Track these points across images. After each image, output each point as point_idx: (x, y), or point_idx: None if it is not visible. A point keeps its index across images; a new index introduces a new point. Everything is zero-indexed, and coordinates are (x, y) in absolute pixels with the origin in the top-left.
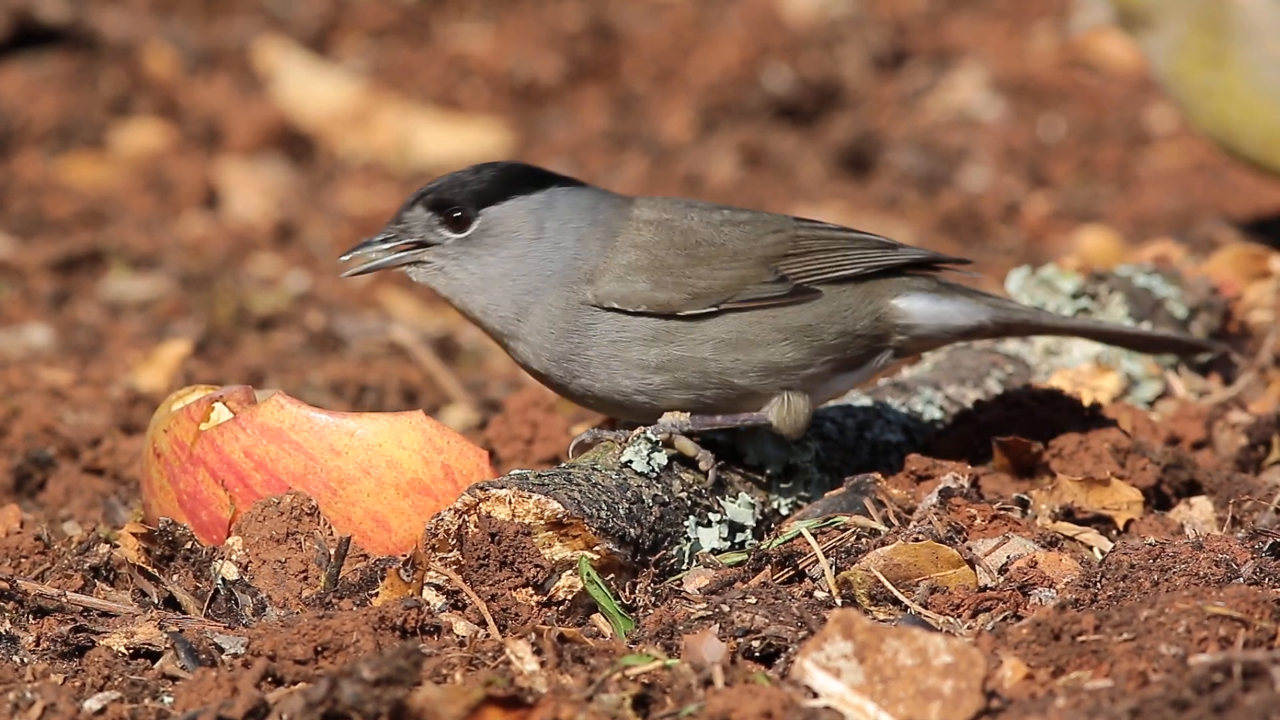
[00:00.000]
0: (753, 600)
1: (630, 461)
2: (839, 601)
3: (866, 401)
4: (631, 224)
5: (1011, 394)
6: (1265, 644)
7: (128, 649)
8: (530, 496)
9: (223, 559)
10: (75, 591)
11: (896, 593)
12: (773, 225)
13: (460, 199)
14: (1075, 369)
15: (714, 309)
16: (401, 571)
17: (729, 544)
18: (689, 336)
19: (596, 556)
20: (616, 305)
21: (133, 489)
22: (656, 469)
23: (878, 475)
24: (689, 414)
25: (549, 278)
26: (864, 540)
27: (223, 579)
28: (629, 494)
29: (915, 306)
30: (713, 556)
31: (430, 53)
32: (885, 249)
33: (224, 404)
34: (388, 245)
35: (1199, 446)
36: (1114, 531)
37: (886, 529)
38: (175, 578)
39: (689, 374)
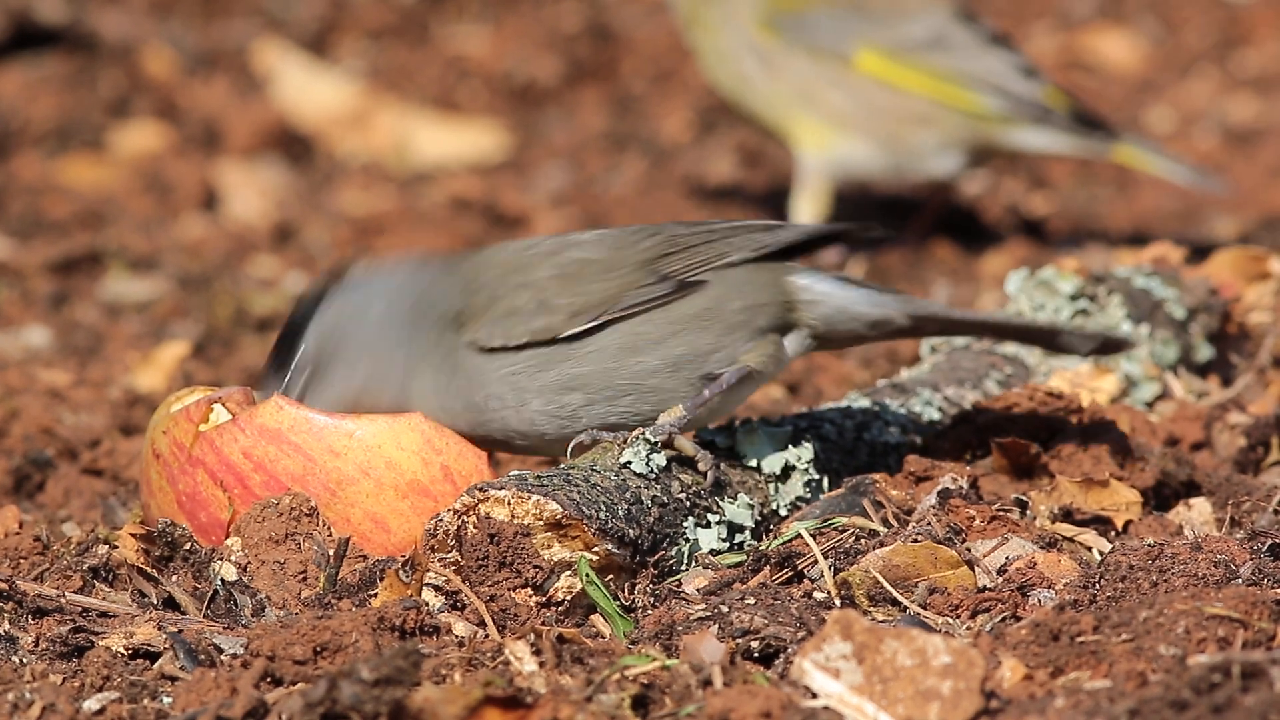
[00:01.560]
0: (752, 601)
1: (629, 462)
2: (838, 602)
3: (865, 403)
4: (489, 262)
5: (1010, 395)
6: (1264, 644)
7: (127, 649)
8: (529, 497)
9: (222, 560)
10: (74, 592)
11: (895, 593)
12: (649, 231)
13: (284, 350)
14: (1074, 370)
15: (594, 322)
16: (400, 572)
17: (728, 545)
18: (581, 353)
19: (595, 557)
20: (500, 343)
21: (132, 490)
22: (655, 470)
23: (876, 476)
24: (681, 408)
25: (403, 341)
26: (863, 541)
27: (222, 580)
28: (628, 495)
29: (817, 285)
30: (712, 557)
31: (429, 54)
32: (771, 230)
33: (223, 405)
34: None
35: (1198, 447)
36: (1113, 532)
37: (885, 530)
38: (174, 578)
39: (596, 388)
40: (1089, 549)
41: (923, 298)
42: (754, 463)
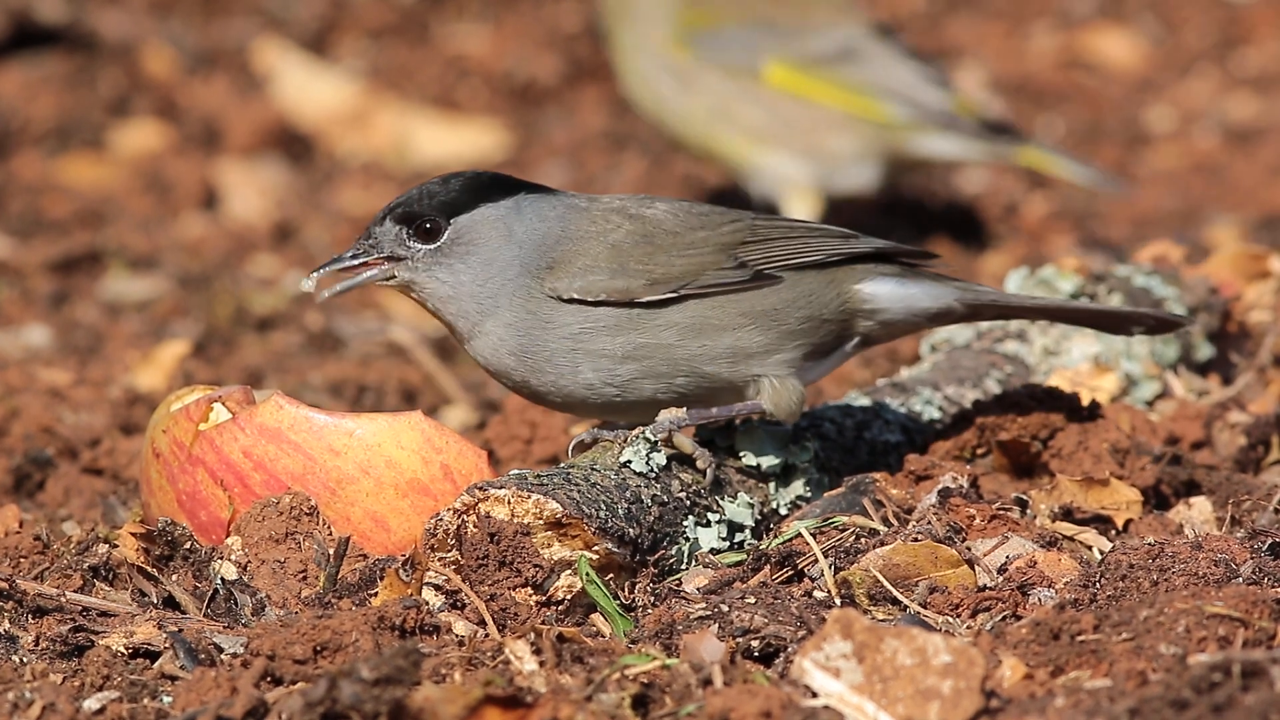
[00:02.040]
0: (752, 600)
1: (629, 461)
2: (838, 601)
3: (865, 402)
4: (588, 218)
5: (1010, 394)
6: (1264, 643)
7: (127, 649)
8: (529, 496)
9: (222, 559)
10: (74, 591)
11: (895, 592)
12: (731, 215)
13: (429, 210)
14: (1074, 369)
15: (674, 294)
16: (401, 571)
17: (728, 544)
18: (652, 323)
19: (595, 556)
20: (577, 296)
21: (132, 489)
22: (655, 469)
23: (877, 475)
24: (684, 409)
25: (512, 279)
26: (863, 540)
27: (222, 579)
28: (628, 494)
29: (881, 291)
30: (712, 556)
31: (429, 53)
32: (846, 238)
33: (223, 404)
34: (359, 262)
35: (1198, 446)
36: (1113, 531)
37: (885, 529)
38: (174, 577)
39: (656, 362)
40: (1089, 548)
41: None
42: (754, 462)
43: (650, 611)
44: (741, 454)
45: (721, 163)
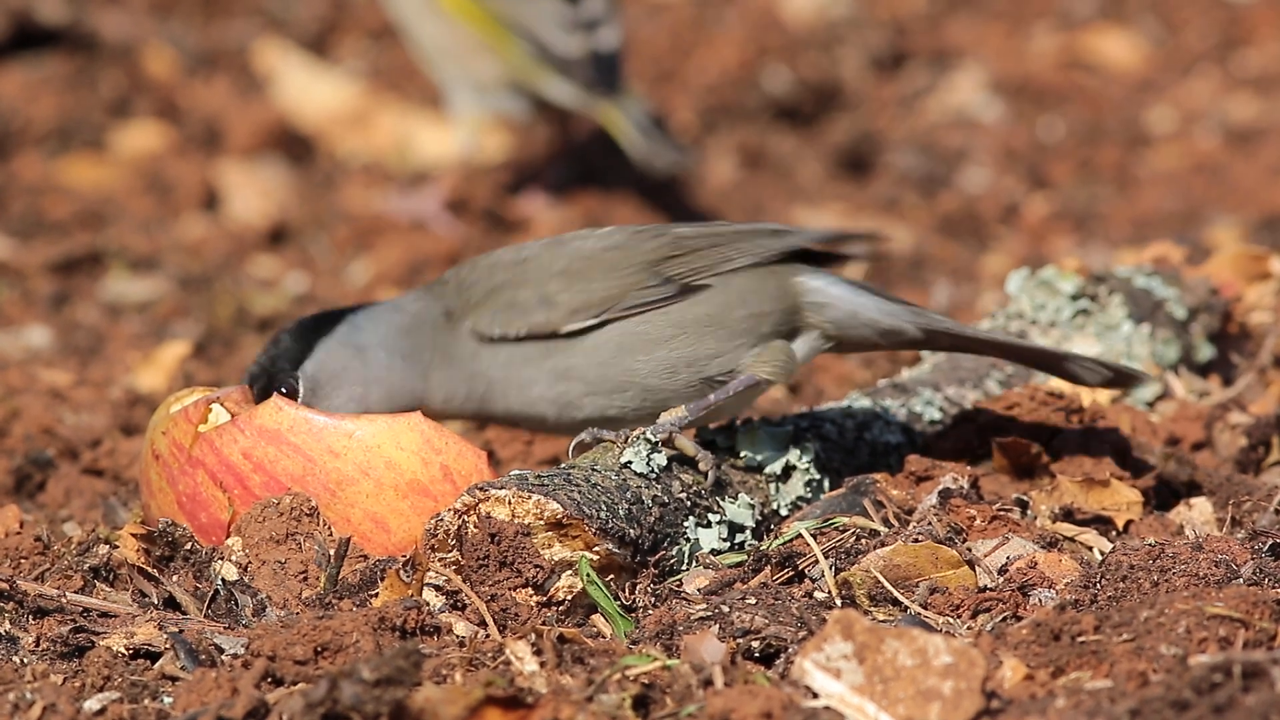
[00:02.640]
0: (752, 601)
1: (630, 462)
2: (839, 602)
3: (866, 402)
4: (488, 263)
5: (1011, 395)
6: (1265, 644)
7: (128, 649)
8: (530, 497)
9: (222, 560)
10: (75, 592)
11: (896, 593)
12: (653, 232)
13: (276, 374)
14: None
15: (595, 320)
16: (401, 572)
17: (729, 544)
18: (580, 348)
19: (596, 557)
20: (499, 333)
21: (132, 490)
22: (656, 470)
23: (877, 476)
24: (684, 408)
25: (405, 363)
26: (864, 541)
27: (222, 580)
28: (628, 494)
29: (828, 288)
30: (712, 557)
31: None
32: (778, 234)
33: (222, 406)
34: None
35: (1198, 447)
36: (1114, 532)
37: (886, 530)
38: (175, 578)
39: (593, 380)
40: (1090, 549)
41: (932, 310)
42: (755, 462)
43: (651, 612)
44: (742, 455)
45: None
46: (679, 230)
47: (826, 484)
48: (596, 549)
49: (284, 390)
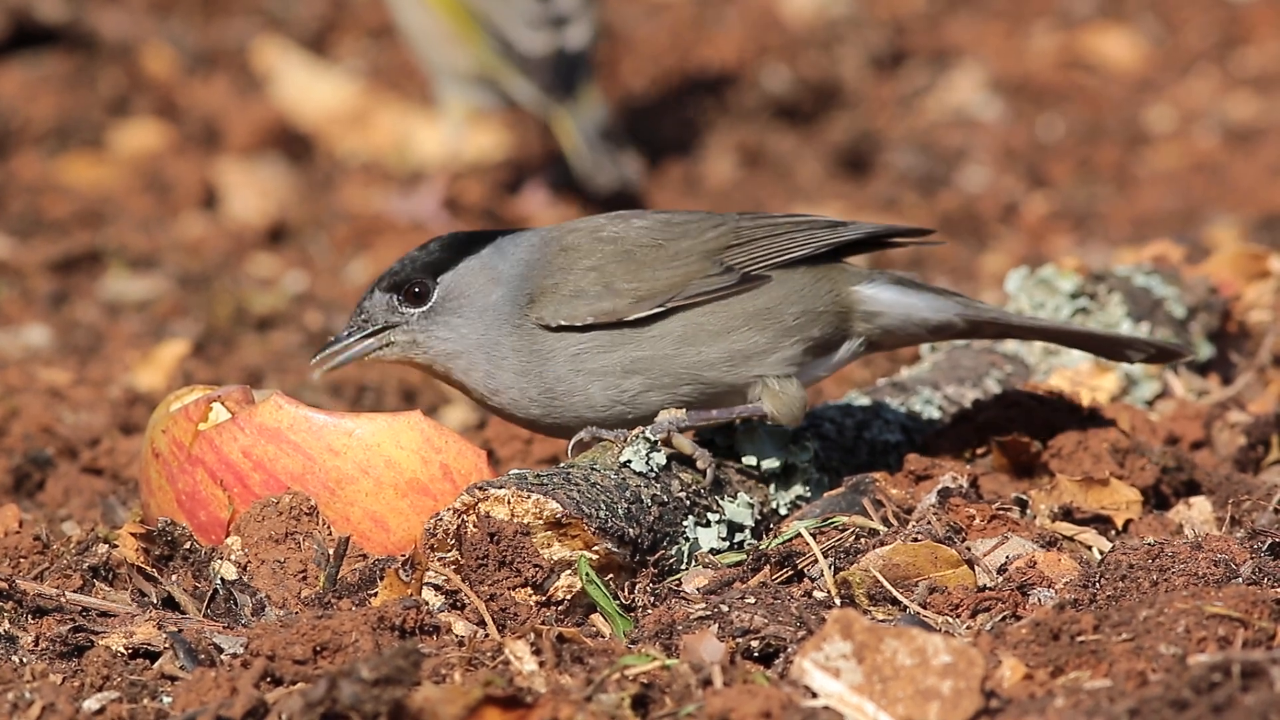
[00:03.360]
0: (751, 600)
1: (629, 461)
2: (838, 601)
3: (865, 401)
4: (561, 245)
5: (1010, 394)
6: (1264, 644)
7: (127, 649)
8: (529, 496)
9: (222, 559)
10: (74, 591)
11: (895, 593)
12: (714, 220)
13: (415, 274)
14: (1074, 369)
15: (660, 308)
16: (400, 571)
17: (728, 544)
18: (645, 337)
19: (595, 556)
20: (564, 322)
21: (131, 489)
22: (655, 469)
23: (876, 475)
24: (684, 410)
25: (506, 318)
26: (863, 540)
27: (222, 579)
28: (628, 494)
29: (881, 294)
30: (711, 556)
31: None
32: (833, 227)
33: (222, 404)
34: (353, 338)
35: (1198, 446)
36: (1113, 531)
37: (885, 529)
38: (174, 578)
39: (657, 374)
40: (1089, 548)
41: (980, 300)
42: (754, 462)
43: (650, 612)
44: (741, 454)
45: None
46: (737, 218)
47: (826, 483)
48: (596, 548)
49: (417, 290)
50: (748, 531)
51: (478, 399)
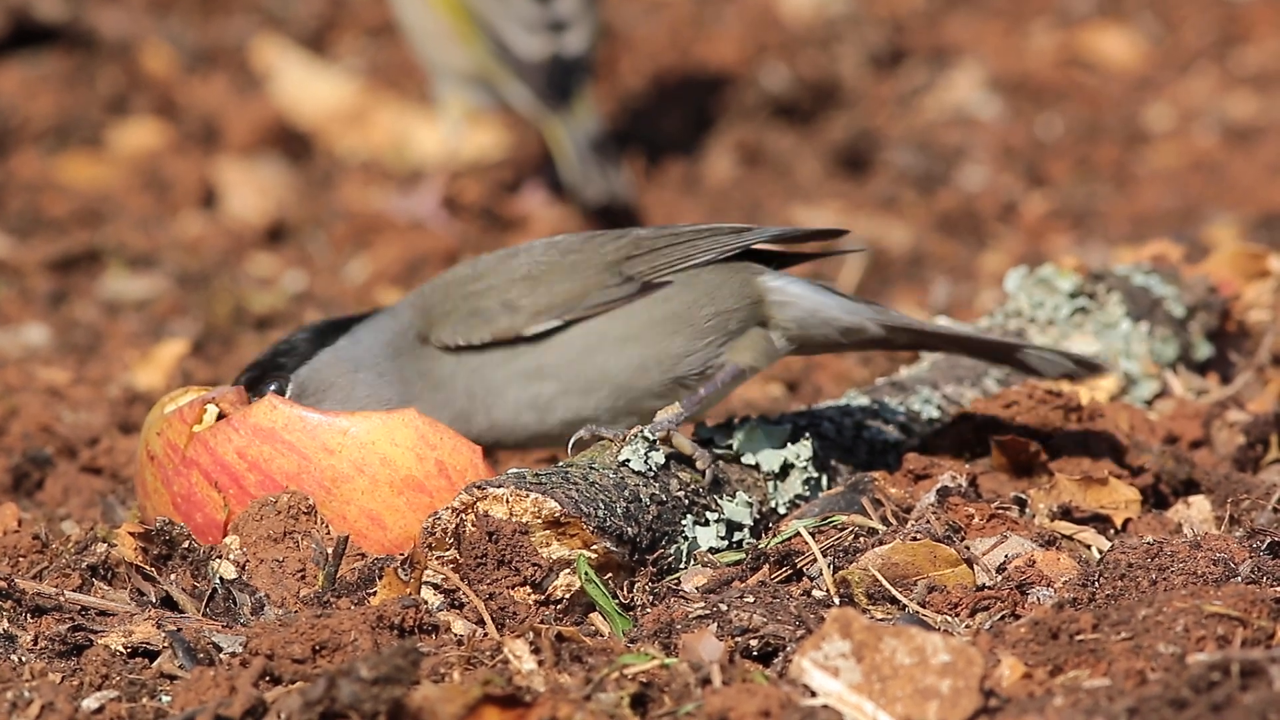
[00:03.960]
0: (750, 599)
1: (628, 460)
2: (837, 600)
3: (864, 401)
4: (455, 280)
5: (1009, 393)
6: (1263, 643)
7: (126, 648)
8: (528, 495)
9: (220, 558)
10: (73, 590)
11: (894, 592)
12: (614, 234)
13: (268, 371)
14: None
15: (559, 321)
16: (399, 570)
17: (727, 543)
18: (546, 348)
19: (594, 555)
20: (461, 343)
21: (130, 488)
22: (654, 468)
23: (875, 474)
24: (678, 404)
25: (384, 377)
26: (862, 539)
27: (220, 578)
28: (626, 493)
29: (790, 287)
30: (710, 555)
31: None
32: (738, 233)
33: (216, 405)
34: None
35: (1197, 445)
36: (1112, 530)
37: (884, 528)
38: (173, 577)
39: (567, 380)
40: (1088, 547)
41: (894, 309)
42: (753, 461)
43: (649, 611)
44: (740, 453)
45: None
46: (638, 231)
47: (825, 482)
48: (594, 547)
49: (274, 388)
50: (746, 530)
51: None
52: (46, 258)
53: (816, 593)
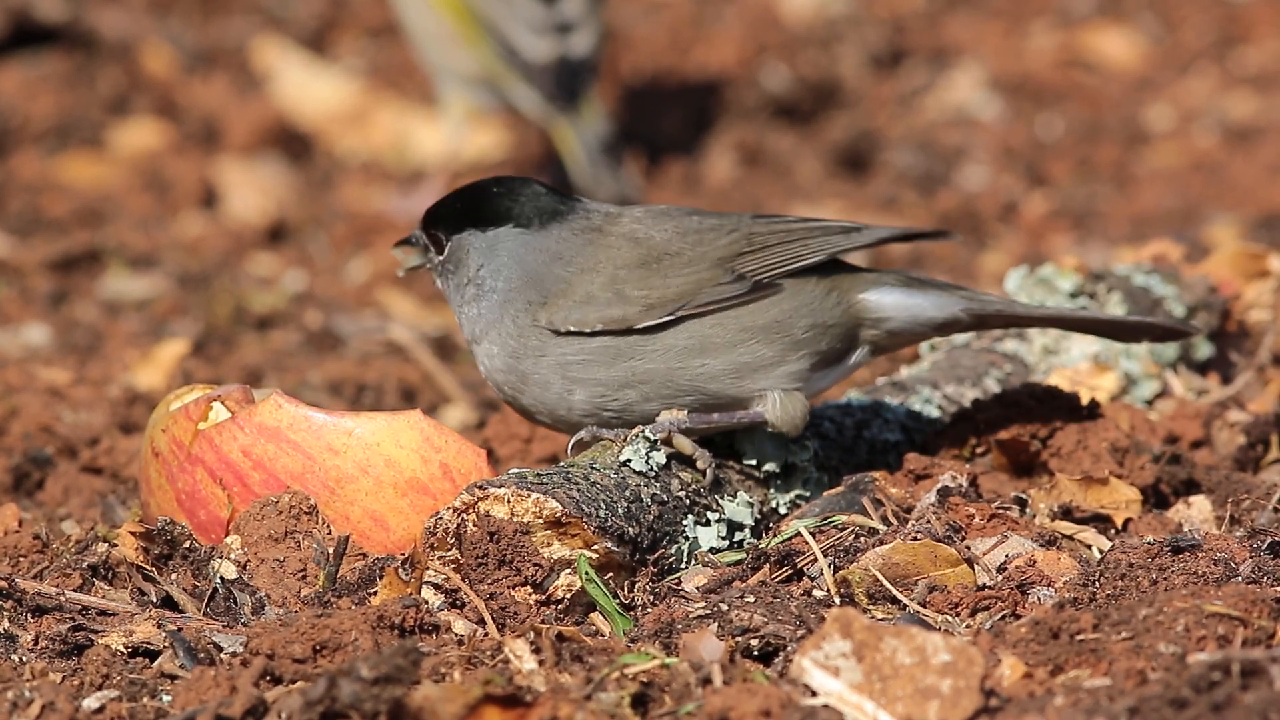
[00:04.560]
0: (751, 599)
1: (629, 460)
2: (837, 600)
3: (865, 401)
4: (593, 246)
5: (1010, 393)
6: (1263, 642)
7: (126, 648)
8: (529, 495)
9: (221, 558)
10: (74, 590)
11: (895, 591)
12: (728, 225)
13: (436, 222)
14: (1074, 368)
15: (671, 317)
16: (400, 570)
17: (727, 543)
18: (650, 348)
19: (595, 555)
20: (573, 328)
21: (131, 488)
22: (655, 468)
23: (876, 474)
24: (686, 411)
25: (497, 306)
26: (862, 539)
27: (221, 578)
28: (627, 493)
29: (886, 299)
30: (711, 555)
31: None
32: (848, 232)
33: (222, 403)
34: (405, 249)
35: (1197, 445)
36: (1112, 530)
37: (885, 528)
38: (174, 577)
39: (657, 385)
40: (1089, 547)
41: (984, 292)
42: (754, 461)
43: (650, 610)
44: (741, 453)
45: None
46: (750, 224)
47: (825, 482)
48: (595, 547)
49: (433, 239)
50: (747, 530)
51: (466, 344)
52: (47, 258)
53: (817, 592)
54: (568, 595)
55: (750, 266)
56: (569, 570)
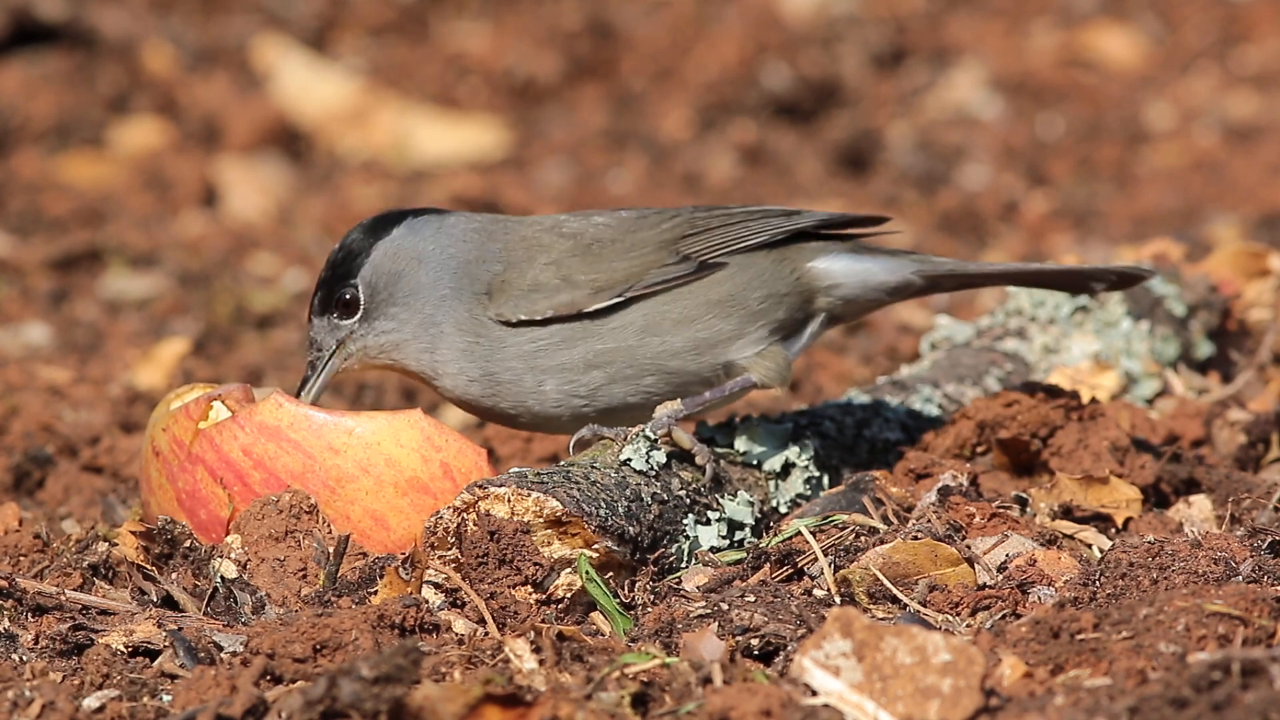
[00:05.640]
0: (751, 598)
1: (629, 459)
2: (838, 600)
3: (865, 400)
4: (519, 238)
5: (1010, 392)
6: (1264, 642)
7: (126, 647)
8: (529, 494)
9: (221, 557)
10: (74, 590)
11: (895, 591)
12: (669, 213)
13: (335, 285)
14: (1074, 367)
15: (621, 298)
16: (400, 569)
17: (728, 542)
18: (607, 329)
19: (595, 554)
20: (524, 317)
21: (131, 487)
22: (655, 467)
23: (877, 473)
24: (679, 401)
25: (447, 299)
26: (863, 538)
27: (222, 577)
28: (628, 492)
29: (836, 266)
30: (711, 554)
31: (429, 51)
32: (789, 215)
33: (222, 402)
34: (317, 371)
35: (1198, 444)
36: (1113, 529)
37: (885, 527)
38: (174, 576)
39: (620, 366)
40: (1089, 546)
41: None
42: (754, 460)
43: (650, 610)
44: (742, 452)
45: None
46: (692, 211)
47: (826, 481)
48: (596, 546)
49: (346, 299)
50: (748, 530)
51: (429, 384)
52: (47, 257)
53: (818, 592)
54: (568, 594)
55: (695, 248)
56: (569, 569)
